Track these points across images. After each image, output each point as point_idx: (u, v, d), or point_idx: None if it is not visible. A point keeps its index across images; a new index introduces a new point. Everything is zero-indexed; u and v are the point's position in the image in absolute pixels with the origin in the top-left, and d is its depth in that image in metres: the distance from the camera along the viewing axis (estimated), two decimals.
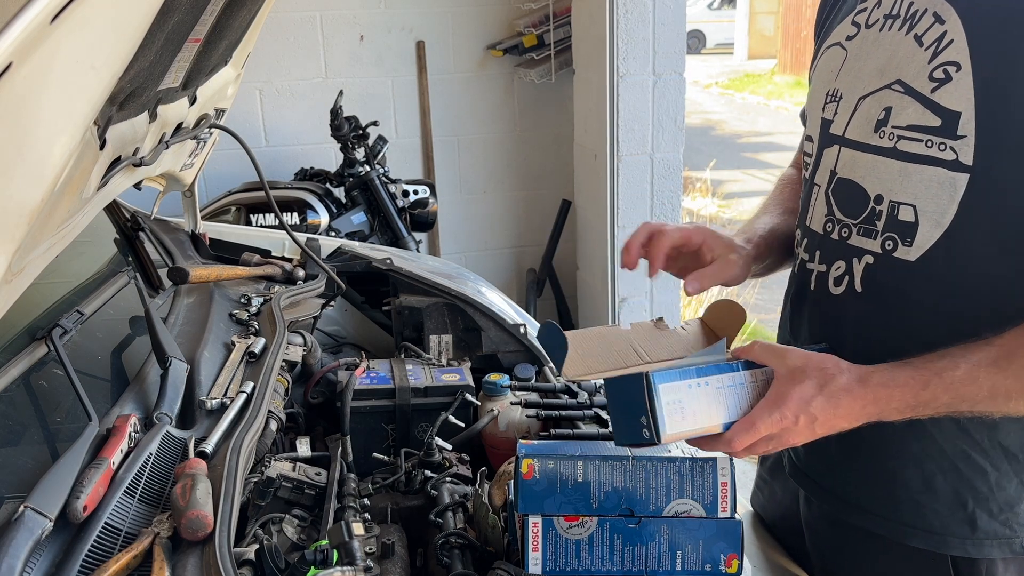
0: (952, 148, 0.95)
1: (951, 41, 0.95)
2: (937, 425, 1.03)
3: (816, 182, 1.14)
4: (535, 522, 1.17)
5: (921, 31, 0.99)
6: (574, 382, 1.67)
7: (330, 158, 3.64)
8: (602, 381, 1.79)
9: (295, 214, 3.14)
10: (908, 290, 1.02)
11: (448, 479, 1.48)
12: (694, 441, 1.00)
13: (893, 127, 1.01)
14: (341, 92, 3.22)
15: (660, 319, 1.15)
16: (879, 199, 1.03)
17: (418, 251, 3.26)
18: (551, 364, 1.93)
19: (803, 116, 1.37)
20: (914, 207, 1.00)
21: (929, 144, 0.97)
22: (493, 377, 1.80)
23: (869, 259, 1.05)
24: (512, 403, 1.74)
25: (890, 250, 1.03)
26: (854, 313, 1.08)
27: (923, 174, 0.98)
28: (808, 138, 1.19)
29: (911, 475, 1.07)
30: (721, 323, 1.16)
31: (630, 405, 0.98)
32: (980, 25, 0.94)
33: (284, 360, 1.60)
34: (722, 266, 1.14)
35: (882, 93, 1.03)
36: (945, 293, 1.00)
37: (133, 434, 1.17)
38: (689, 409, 0.96)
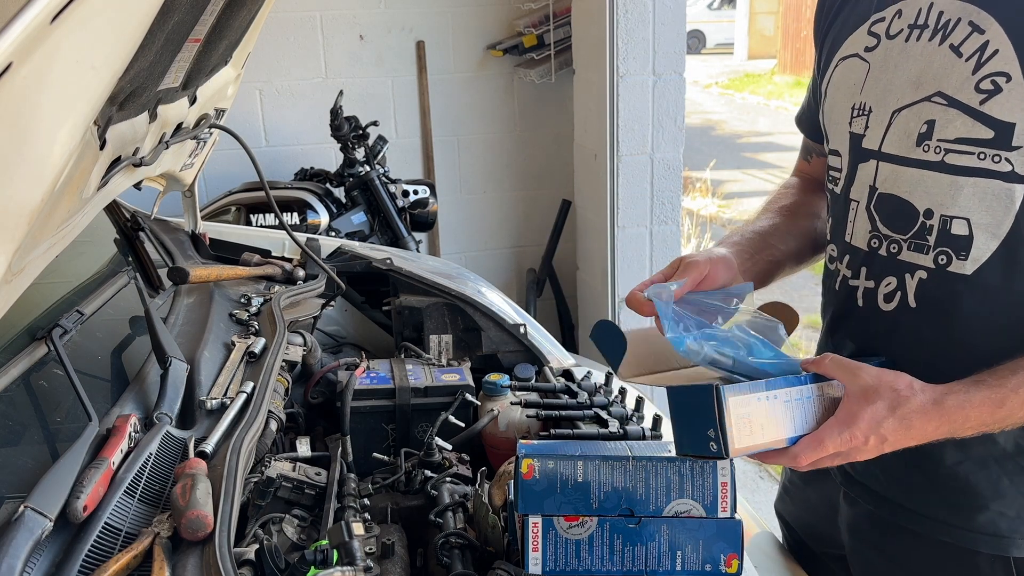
0: (1008, 159, 0.94)
1: (996, 51, 0.94)
2: None
3: (853, 198, 1.12)
4: (535, 522, 1.17)
5: (958, 41, 0.98)
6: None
7: (330, 158, 3.64)
8: (602, 379, 1.79)
9: (295, 214, 3.14)
10: (964, 303, 1.01)
11: (448, 479, 1.48)
12: (759, 455, 0.99)
13: (939, 140, 0.99)
14: (341, 92, 3.22)
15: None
16: (929, 213, 1.02)
17: (418, 251, 3.26)
18: (550, 364, 1.93)
19: (800, 122, 1.36)
20: (968, 220, 0.99)
21: (982, 156, 0.96)
22: (493, 377, 1.80)
23: (923, 274, 1.04)
24: (512, 403, 1.74)
25: (944, 264, 1.02)
26: (907, 328, 1.07)
27: (976, 187, 0.97)
28: (834, 152, 1.16)
29: (977, 479, 1.07)
30: None
31: (697, 417, 0.96)
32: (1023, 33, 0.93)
33: (284, 360, 1.60)
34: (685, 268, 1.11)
35: (920, 106, 1.01)
36: (1003, 304, 1.00)
37: (133, 434, 1.17)
38: (757, 423, 0.95)
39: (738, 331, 1.03)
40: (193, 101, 1.51)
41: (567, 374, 1.88)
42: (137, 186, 1.67)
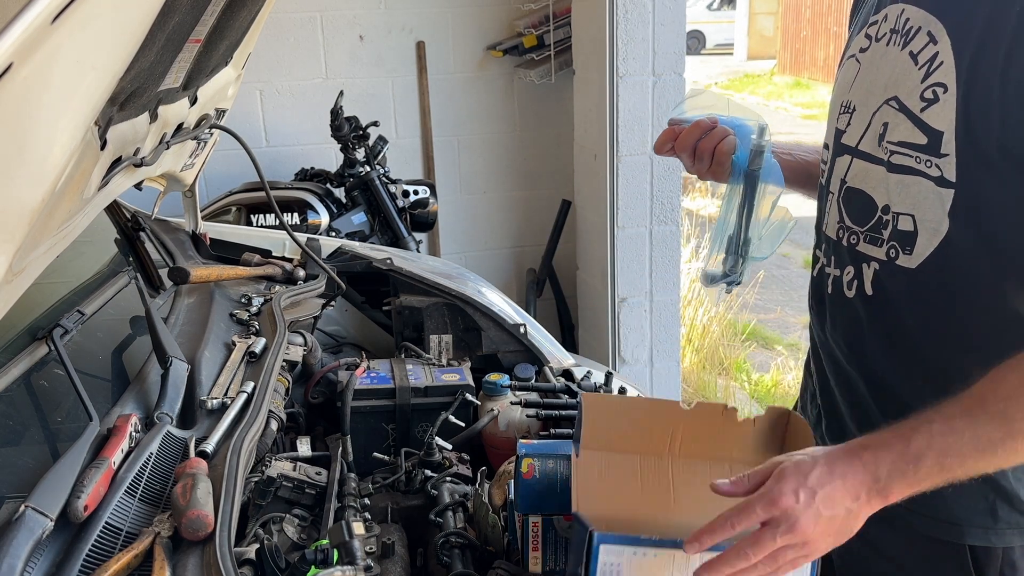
0: (937, 165, 1.00)
1: (941, 63, 0.99)
2: None
3: (830, 189, 1.19)
4: (535, 522, 1.17)
5: (916, 49, 1.03)
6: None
7: (330, 158, 3.64)
8: (602, 379, 1.79)
9: (295, 214, 3.14)
10: (912, 296, 1.06)
11: (448, 479, 1.49)
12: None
13: (888, 142, 1.06)
14: (341, 92, 3.22)
15: (731, 408, 1.11)
16: (886, 209, 1.07)
17: (418, 251, 3.25)
18: (550, 364, 1.93)
19: None
20: (912, 217, 1.04)
21: (918, 160, 1.02)
22: (493, 377, 1.80)
23: (876, 265, 1.09)
24: (512, 403, 1.74)
25: (893, 258, 1.07)
26: (867, 315, 1.12)
27: (919, 186, 1.03)
28: (825, 145, 1.23)
29: None
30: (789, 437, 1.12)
31: (578, 548, 0.98)
32: (964, 48, 0.97)
33: (284, 360, 1.60)
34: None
35: (884, 109, 1.07)
36: (946, 299, 1.04)
37: (134, 434, 1.17)
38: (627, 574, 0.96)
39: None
40: (194, 101, 1.52)
41: (567, 374, 1.88)
42: (138, 186, 1.67)
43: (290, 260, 2.15)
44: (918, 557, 1.13)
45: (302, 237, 2.12)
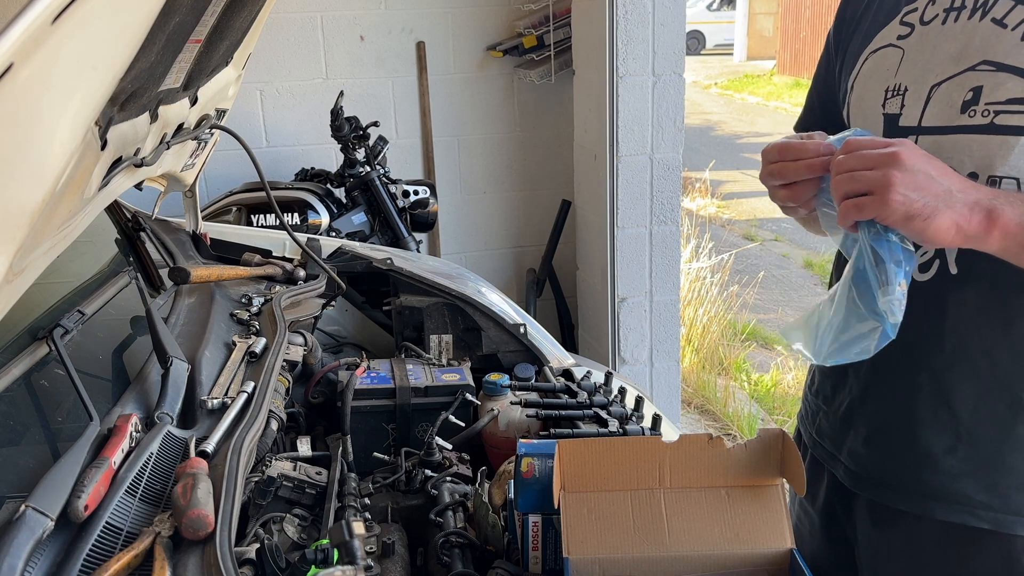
0: None
1: None
2: None
3: None
4: (535, 521, 1.17)
5: (1000, 14, 1.01)
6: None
7: (331, 158, 3.64)
8: (602, 379, 1.79)
9: (296, 214, 3.15)
10: (1008, 268, 0.98)
11: (448, 479, 1.49)
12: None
13: (987, 104, 1.01)
14: (342, 93, 3.22)
15: (717, 436, 1.10)
16: (974, 177, 1.01)
17: (418, 251, 3.26)
18: (550, 364, 1.94)
19: (796, 127, 1.35)
20: (1017, 180, 0.99)
21: None
22: (493, 377, 1.80)
23: None
24: (512, 403, 1.74)
25: None
26: (947, 297, 1.07)
27: None
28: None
29: (1015, 460, 1.06)
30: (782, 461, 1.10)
31: None
32: None
33: (285, 360, 1.61)
34: None
35: (963, 76, 1.03)
36: None
37: (134, 434, 1.17)
38: None
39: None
40: (194, 102, 1.52)
41: (567, 374, 1.88)
42: (138, 186, 1.67)
43: (290, 260, 2.16)
44: (1006, 558, 1.09)
45: (302, 237, 2.12)
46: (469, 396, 1.75)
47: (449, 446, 1.62)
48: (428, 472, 1.52)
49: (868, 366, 1.12)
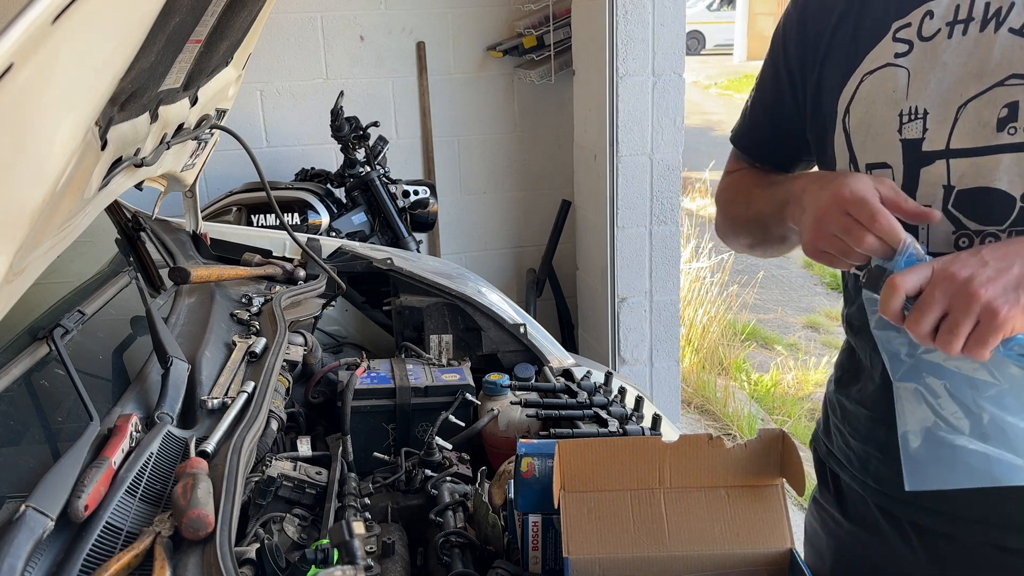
0: None
1: None
2: None
3: (921, 203, 1.02)
4: (535, 521, 1.17)
5: (1020, 24, 0.96)
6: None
7: (331, 159, 3.64)
8: (602, 379, 1.79)
9: (296, 214, 3.15)
10: None
11: (448, 478, 1.49)
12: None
13: None
14: (342, 93, 3.22)
15: (717, 437, 1.09)
16: (1013, 199, 0.96)
17: (418, 251, 3.26)
18: (550, 364, 1.94)
19: (736, 138, 1.32)
20: None
21: None
22: (493, 377, 1.80)
23: None
24: (512, 403, 1.74)
25: None
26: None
27: None
28: (877, 165, 1.07)
29: None
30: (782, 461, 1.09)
31: None
32: None
33: (285, 360, 1.61)
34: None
35: (992, 93, 0.98)
36: None
37: (134, 434, 1.17)
38: None
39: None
40: (194, 102, 1.52)
41: (567, 374, 1.88)
42: (138, 186, 1.67)
43: (290, 260, 2.16)
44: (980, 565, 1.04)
45: (302, 237, 2.12)
46: (469, 396, 1.75)
47: (449, 446, 1.62)
48: (428, 472, 1.52)
49: None
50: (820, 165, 1.19)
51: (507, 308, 2.07)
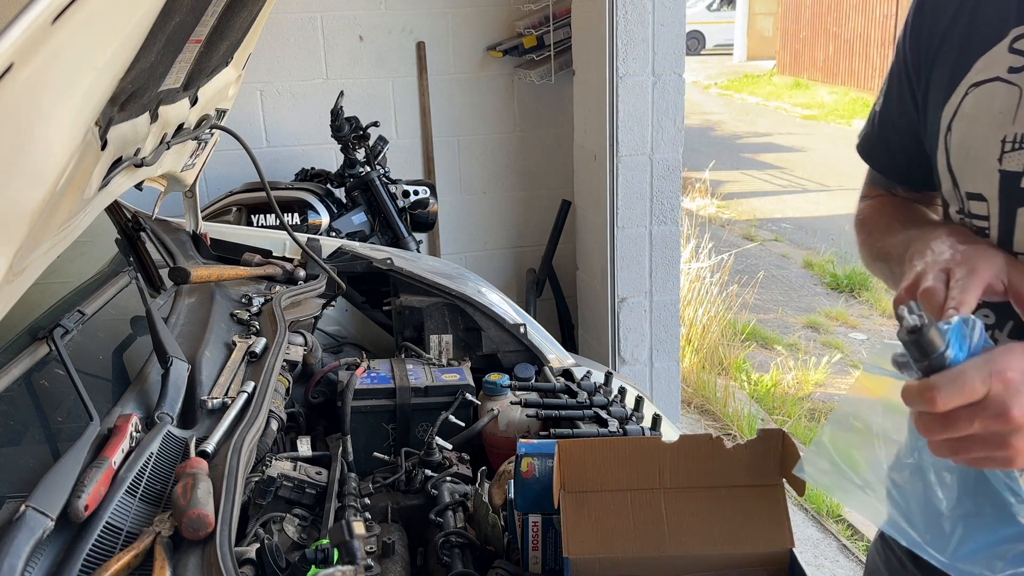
0: None
1: None
2: None
3: (1016, 250, 0.90)
4: (535, 521, 1.17)
5: None
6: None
7: (331, 159, 3.64)
8: (602, 379, 1.79)
9: (296, 214, 3.15)
10: None
11: (448, 478, 1.49)
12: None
13: None
14: (342, 93, 3.22)
15: (717, 437, 1.08)
16: None
17: (418, 251, 3.26)
18: (550, 364, 1.94)
19: (864, 150, 1.15)
20: None
21: None
22: (493, 377, 1.80)
23: None
24: (512, 403, 1.74)
25: None
26: None
27: None
28: (973, 196, 0.94)
29: None
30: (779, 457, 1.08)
31: None
32: None
33: (285, 360, 1.61)
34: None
35: None
36: None
37: (134, 434, 1.17)
38: None
39: None
40: (194, 102, 1.52)
41: (567, 374, 1.88)
42: (138, 186, 1.67)
43: (290, 260, 2.16)
44: None
45: (302, 237, 2.12)
46: (469, 396, 1.75)
47: (449, 446, 1.62)
48: (428, 472, 1.52)
49: None
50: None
51: (507, 308, 2.07)
